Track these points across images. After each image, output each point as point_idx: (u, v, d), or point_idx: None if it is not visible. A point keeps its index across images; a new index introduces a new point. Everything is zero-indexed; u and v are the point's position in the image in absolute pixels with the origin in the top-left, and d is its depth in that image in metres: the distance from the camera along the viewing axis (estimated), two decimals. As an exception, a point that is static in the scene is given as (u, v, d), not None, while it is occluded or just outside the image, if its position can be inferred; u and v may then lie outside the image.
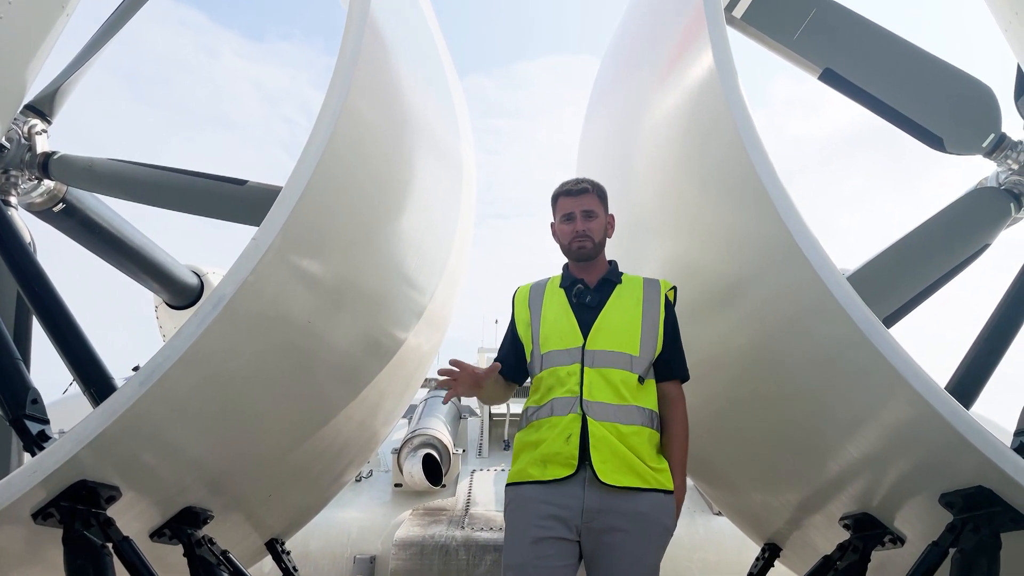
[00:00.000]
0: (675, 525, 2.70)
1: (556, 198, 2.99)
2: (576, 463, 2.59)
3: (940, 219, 3.65)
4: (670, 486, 2.69)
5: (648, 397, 2.77)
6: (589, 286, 2.89)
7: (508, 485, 2.76)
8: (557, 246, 3.03)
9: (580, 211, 2.91)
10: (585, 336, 2.75)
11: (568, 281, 2.93)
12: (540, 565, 2.54)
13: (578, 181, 2.97)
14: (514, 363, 2.93)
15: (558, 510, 2.58)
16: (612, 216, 3.01)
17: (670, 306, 2.92)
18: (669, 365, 2.85)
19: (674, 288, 2.97)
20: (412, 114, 3.38)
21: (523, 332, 2.93)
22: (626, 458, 2.61)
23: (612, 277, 2.93)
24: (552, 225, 3.04)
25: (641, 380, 2.74)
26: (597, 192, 2.96)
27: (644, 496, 2.61)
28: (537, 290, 2.98)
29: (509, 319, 3.02)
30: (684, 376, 2.91)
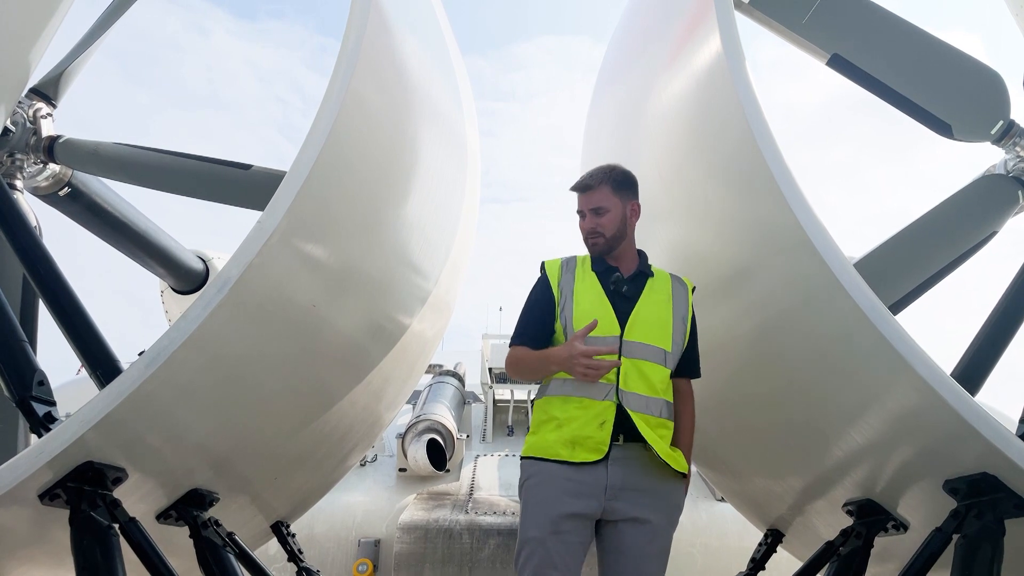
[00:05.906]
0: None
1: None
2: (606, 450, 2.63)
3: (947, 206, 3.62)
4: (685, 469, 2.78)
5: (670, 392, 2.84)
6: (624, 276, 2.88)
7: (528, 458, 2.75)
8: (555, 232, 3.03)
9: (588, 209, 2.88)
10: (622, 326, 2.75)
11: (601, 266, 2.89)
12: (558, 540, 2.58)
13: (589, 175, 2.91)
14: (546, 340, 2.85)
15: (581, 487, 2.62)
16: (635, 203, 2.93)
17: (692, 306, 2.96)
18: (689, 362, 2.93)
19: (695, 288, 3.01)
20: (417, 96, 3.36)
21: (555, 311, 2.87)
22: (658, 444, 2.69)
23: (645, 270, 2.93)
24: None
25: (671, 376, 2.82)
26: (612, 182, 2.88)
27: (666, 476, 2.72)
28: (567, 269, 2.92)
29: (537, 292, 2.92)
30: (698, 374, 2.98)
